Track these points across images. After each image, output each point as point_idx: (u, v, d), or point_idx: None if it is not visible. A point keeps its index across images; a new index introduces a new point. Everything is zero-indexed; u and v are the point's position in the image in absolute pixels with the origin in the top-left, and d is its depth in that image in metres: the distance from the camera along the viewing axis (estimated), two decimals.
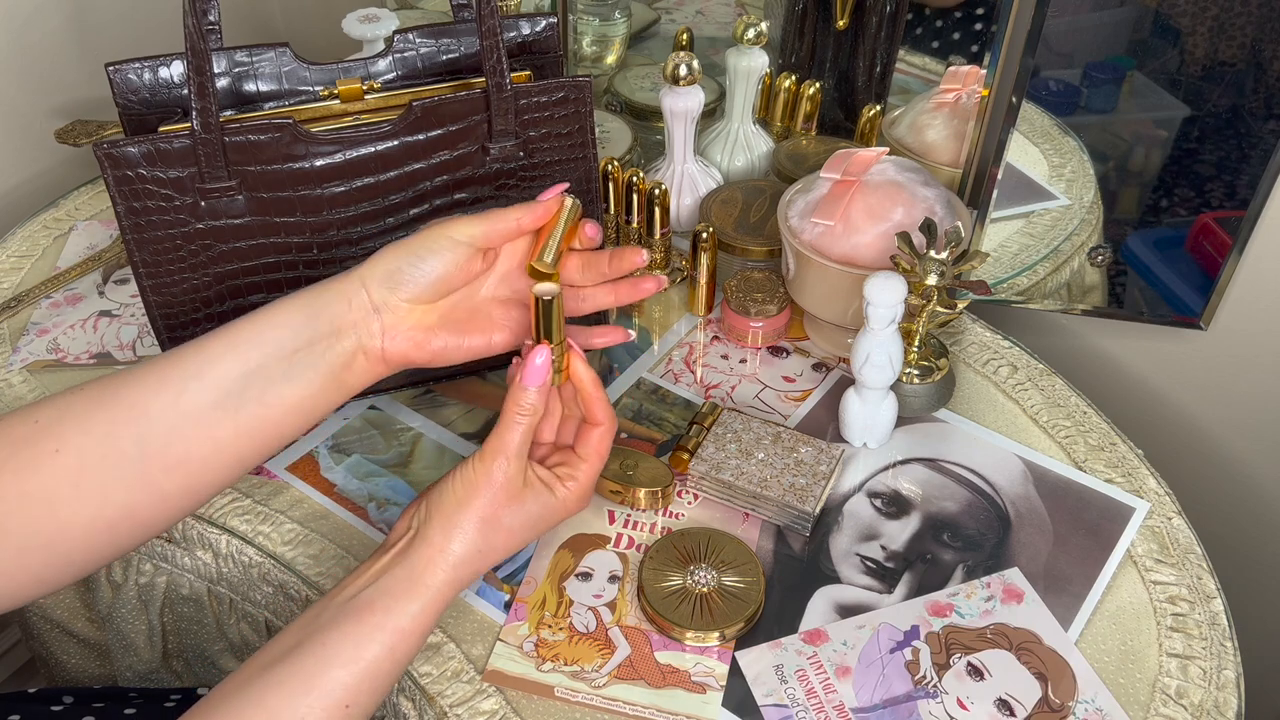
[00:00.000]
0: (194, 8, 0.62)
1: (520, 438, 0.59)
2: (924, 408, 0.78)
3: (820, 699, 0.61)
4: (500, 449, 0.59)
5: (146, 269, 0.68)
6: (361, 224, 0.71)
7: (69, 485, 0.55)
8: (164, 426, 0.56)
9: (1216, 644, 0.64)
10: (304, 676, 0.53)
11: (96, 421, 0.56)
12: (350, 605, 0.56)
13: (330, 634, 0.54)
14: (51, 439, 0.55)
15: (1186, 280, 0.84)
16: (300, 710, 0.52)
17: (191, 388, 0.57)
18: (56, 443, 0.55)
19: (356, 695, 0.54)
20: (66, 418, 0.55)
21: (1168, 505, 0.72)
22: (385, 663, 0.55)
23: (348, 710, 0.53)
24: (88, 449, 0.55)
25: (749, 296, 0.84)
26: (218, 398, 0.57)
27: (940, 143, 0.91)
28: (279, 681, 0.53)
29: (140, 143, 0.64)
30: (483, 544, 0.59)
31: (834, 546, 0.70)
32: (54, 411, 0.56)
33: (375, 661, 0.54)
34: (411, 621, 0.56)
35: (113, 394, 0.56)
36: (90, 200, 1.02)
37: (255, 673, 0.53)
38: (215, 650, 0.80)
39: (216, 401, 0.57)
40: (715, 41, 1.14)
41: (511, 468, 0.59)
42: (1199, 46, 0.77)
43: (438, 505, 0.59)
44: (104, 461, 0.55)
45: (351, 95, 0.70)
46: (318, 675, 0.53)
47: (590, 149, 0.74)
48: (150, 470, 0.56)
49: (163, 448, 0.56)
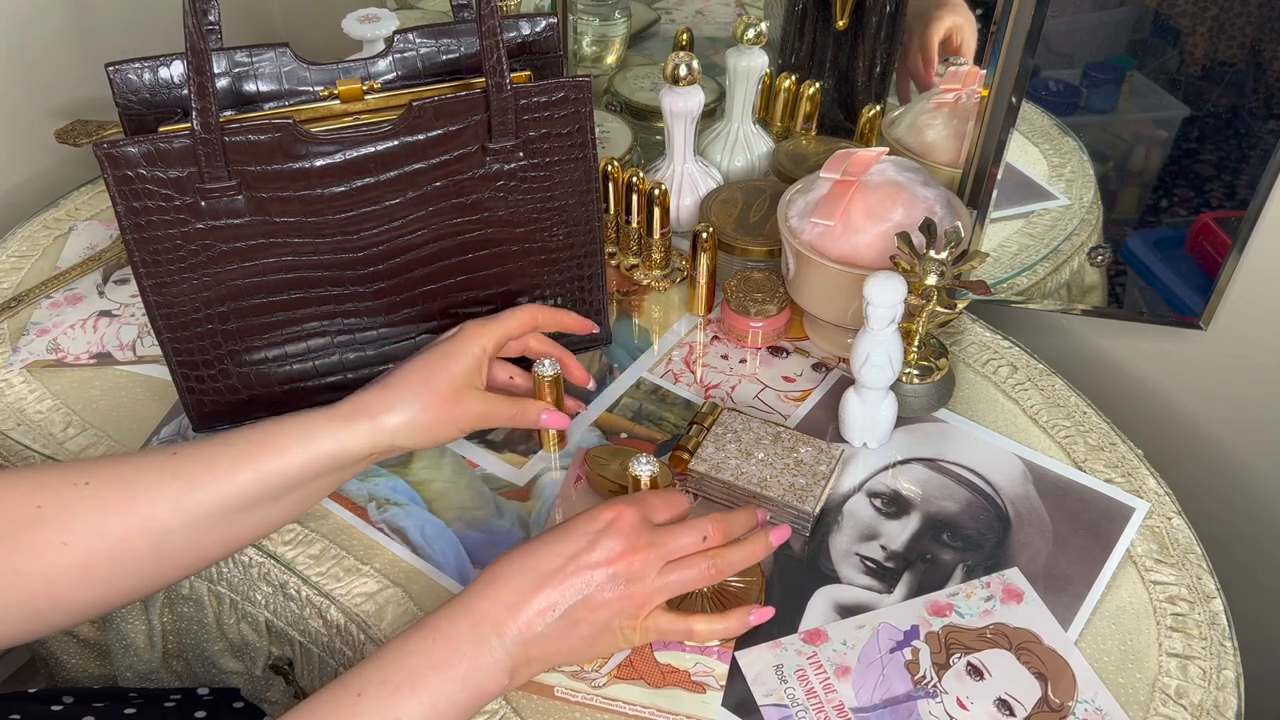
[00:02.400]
0: (194, 8, 0.62)
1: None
2: (924, 408, 0.78)
3: (820, 699, 0.61)
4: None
5: (146, 269, 0.68)
6: (361, 224, 0.71)
7: (76, 574, 0.56)
8: (183, 541, 0.59)
9: (1216, 644, 0.64)
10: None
11: (112, 528, 0.56)
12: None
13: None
14: (58, 531, 0.55)
15: (1186, 280, 0.83)
16: None
17: (213, 512, 0.59)
18: (64, 536, 0.55)
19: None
20: (74, 515, 0.56)
21: (1167, 505, 0.72)
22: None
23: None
24: (100, 550, 0.56)
25: (749, 296, 0.84)
26: (239, 516, 0.60)
27: (940, 143, 0.91)
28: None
29: (140, 143, 0.64)
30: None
31: (834, 546, 0.70)
32: (58, 502, 0.56)
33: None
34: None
35: (127, 503, 0.57)
36: (90, 200, 1.02)
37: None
38: (215, 650, 0.80)
39: (236, 520, 0.60)
40: (715, 41, 1.14)
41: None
42: (1199, 46, 0.77)
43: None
44: (117, 560, 0.57)
45: (351, 95, 0.70)
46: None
47: (590, 149, 0.74)
48: (163, 567, 0.59)
49: (180, 554, 0.59)
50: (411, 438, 0.65)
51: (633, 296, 0.90)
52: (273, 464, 0.60)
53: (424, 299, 0.75)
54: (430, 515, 0.72)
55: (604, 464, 0.73)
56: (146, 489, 0.58)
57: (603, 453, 0.74)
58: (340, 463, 0.63)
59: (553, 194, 0.74)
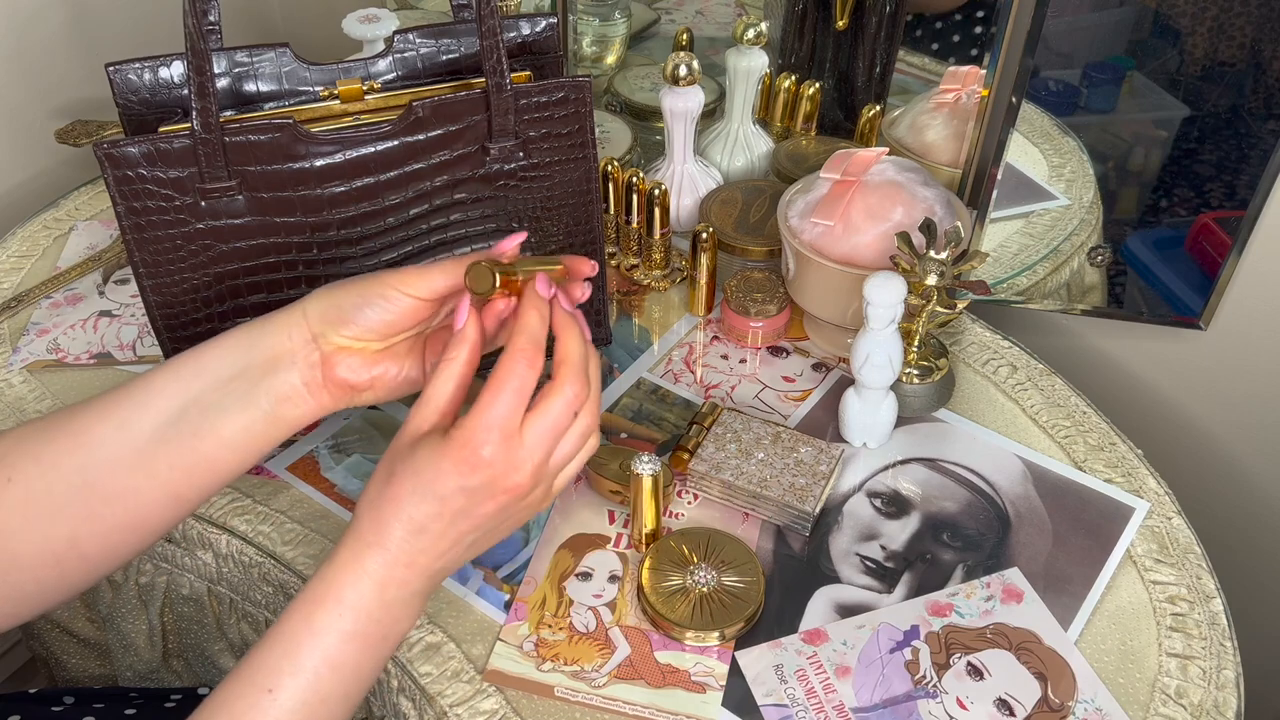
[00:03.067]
0: (194, 8, 0.62)
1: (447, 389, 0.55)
2: (924, 408, 0.78)
3: (820, 699, 0.61)
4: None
5: (146, 269, 0.68)
6: (361, 224, 0.71)
7: (19, 516, 0.55)
8: (105, 455, 0.56)
9: (1216, 644, 0.64)
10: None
11: (45, 451, 0.55)
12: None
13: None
14: (5, 469, 0.55)
15: (1186, 280, 0.84)
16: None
17: (134, 416, 0.56)
18: (9, 472, 0.55)
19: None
20: (21, 448, 0.55)
21: (1167, 505, 0.72)
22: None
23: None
24: (34, 478, 0.55)
25: (749, 296, 0.84)
26: (156, 427, 0.56)
27: (940, 143, 0.91)
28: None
29: (140, 143, 0.64)
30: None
31: (834, 546, 0.70)
32: (14, 441, 0.56)
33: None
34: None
35: (64, 424, 0.56)
36: (90, 200, 1.02)
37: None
38: (215, 650, 0.80)
39: (155, 432, 0.56)
40: (715, 41, 1.14)
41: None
42: (1199, 46, 0.77)
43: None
44: (49, 491, 0.55)
45: (351, 95, 0.70)
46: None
47: (590, 149, 0.74)
48: (91, 501, 0.56)
49: (103, 478, 0.56)
50: (336, 316, 0.57)
51: (633, 296, 0.90)
52: (188, 362, 0.57)
53: None
54: None
55: (604, 464, 0.73)
56: (85, 406, 0.56)
57: (603, 452, 0.74)
58: (252, 353, 0.57)
59: (553, 194, 0.74)
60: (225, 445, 0.57)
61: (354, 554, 0.53)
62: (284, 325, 0.58)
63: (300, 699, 0.51)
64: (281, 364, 0.58)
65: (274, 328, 0.58)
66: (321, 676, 0.52)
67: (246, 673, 0.51)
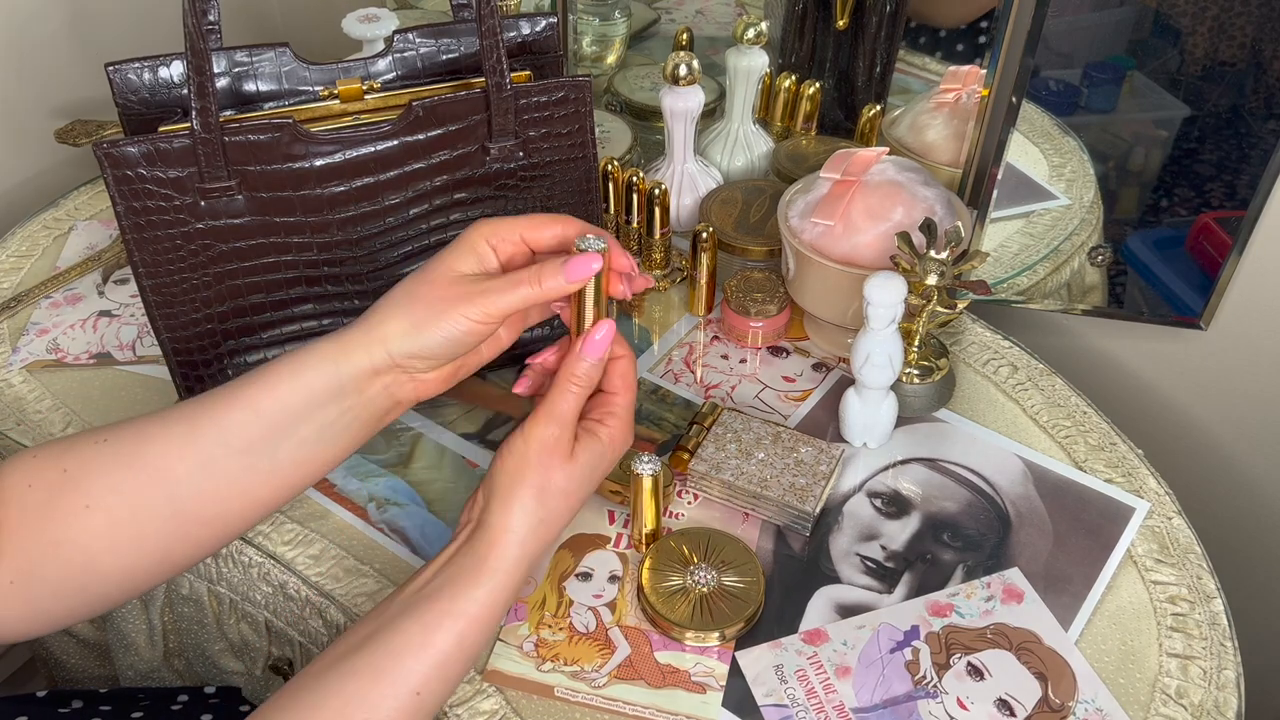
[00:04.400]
0: (194, 8, 0.62)
1: (572, 405, 0.59)
2: (924, 408, 0.78)
3: (820, 699, 0.61)
4: (551, 415, 0.59)
5: (146, 269, 0.68)
6: (361, 224, 0.71)
7: (104, 541, 0.55)
8: (193, 489, 0.57)
9: (1216, 644, 0.64)
10: (375, 666, 0.53)
11: (126, 482, 0.56)
12: (418, 596, 0.56)
13: (400, 624, 0.55)
14: (80, 493, 0.55)
15: (1186, 280, 0.84)
16: (373, 698, 0.52)
17: (218, 455, 0.57)
18: (86, 499, 0.55)
19: (426, 683, 0.54)
20: (93, 474, 0.55)
21: (1168, 505, 0.72)
22: (455, 650, 0.55)
23: (419, 697, 0.54)
24: (117, 508, 0.55)
25: (749, 296, 0.84)
26: (246, 459, 0.57)
27: (940, 143, 0.91)
28: (353, 671, 0.53)
29: (140, 143, 0.64)
30: (543, 513, 0.58)
31: (834, 546, 0.70)
32: (80, 463, 0.56)
33: (444, 650, 0.55)
34: (479, 607, 0.56)
35: (139, 454, 0.56)
36: (90, 200, 1.02)
37: (329, 664, 0.54)
38: (216, 650, 0.80)
39: (245, 463, 0.57)
40: (715, 41, 1.14)
41: (564, 433, 0.59)
42: (1199, 46, 0.77)
43: (492, 488, 0.59)
44: (136, 519, 0.56)
45: (351, 95, 0.70)
46: (389, 665, 0.53)
47: (590, 149, 0.74)
48: (185, 526, 0.57)
49: (196, 508, 0.57)
50: (411, 337, 0.58)
51: (633, 296, 0.90)
52: (266, 395, 0.57)
53: None
54: (430, 515, 0.72)
55: None
56: (154, 436, 0.57)
57: None
58: (339, 386, 0.58)
59: (553, 194, 0.74)
60: (328, 461, 0.60)
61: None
62: (365, 360, 0.59)
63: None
64: (372, 384, 0.59)
65: (352, 363, 0.58)
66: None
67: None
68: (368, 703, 0.52)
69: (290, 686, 0.53)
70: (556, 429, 0.58)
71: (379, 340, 0.58)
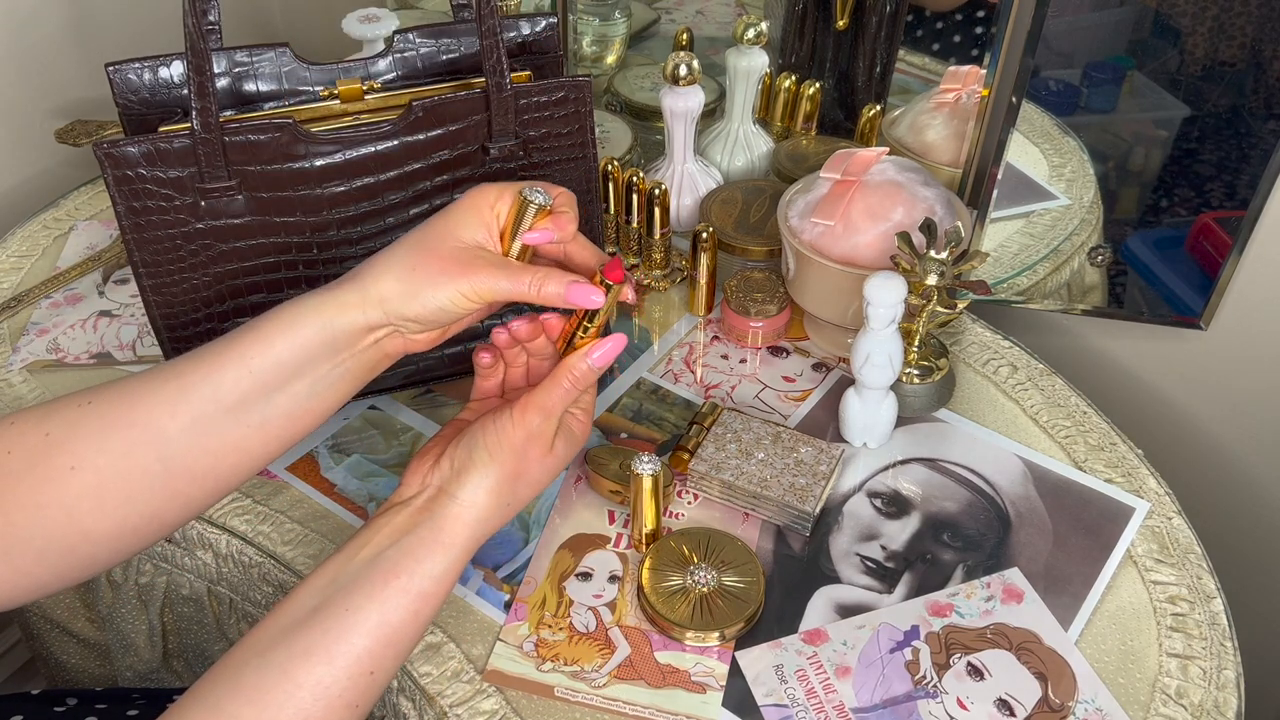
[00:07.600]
0: (194, 8, 0.62)
1: (564, 402, 0.59)
2: (924, 408, 0.78)
3: (820, 699, 0.61)
4: (543, 407, 0.58)
5: (146, 269, 0.68)
6: (361, 224, 0.71)
7: (90, 500, 0.54)
8: (184, 446, 0.56)
9: (1216, 644, 0.64)
10: (327, 645, 0.52)
11: (113, 442, 0.55)
12: (372, 567, 0.55)
13: (353, 598, 0.54)
14: (65, 455, 0.54)
15: (1186, 280, 0.84)
16: (325, 680, 0.52)
17: (211, 410, 0.56)
18: (71, 459, 0.54)
19: (381, 661, 0.54)
20: (79, 435, 0.55)
21: (1168, 505, 0.72)
22: (409, 626, 0.55)
23: (372, 676, 0.53)
24: (106, 467, 0.55)
25: (749, 296, 0.84)
26: (239, 418, 0.56)
27: (940, 143, 0.91)
28: (304, 651, 0.52)
29: (140, 143, 0.64)
30: (510, 498, 0.59)
31: (834, 546, 0.70)
32: (64, 426, 0.55)
33: (400, 626, 0.54)
34: (435, 584, 0.56)
35: (126, 413, 0.55)
36: (90, 200, 1.02)
37: (276, 636, 0.53)
38: (215, 650, 0.80)
39: (237, 418, 0.56)
40: (715, 41, 1.14)
41: (549, 427, 0.59)
42: (1199, 46, 0.77)
43: (467, 461, 0.58)
44: (126, 478, 0.55)
45: (351, 95, 0.70)
46: (341, 643, 0.52)
47: (590, 149, 0.74)
48: (175, 483, 0.56)
49: (188, 464, 0.56)
50: (406, 302, 0.57)
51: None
52: (259, 351, 0.56)
53: None
54: None
55: (604, 464, 0.73)
56: (142, 395, 0.56)
57: (603, 453, 0.74)
58: (333, 342, 0.57)
59: None
60: (320, 413, 0.59)
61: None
62: (359, 316, 0.58)
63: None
64: (364, 339, 0.58)
65: (344, 318, 0.57)
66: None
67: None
68: (321, 685, 0.51)
69: (232, 658, 0.52)
70: (544, 422, 0.59)
71: (375, 300, 0.58)
